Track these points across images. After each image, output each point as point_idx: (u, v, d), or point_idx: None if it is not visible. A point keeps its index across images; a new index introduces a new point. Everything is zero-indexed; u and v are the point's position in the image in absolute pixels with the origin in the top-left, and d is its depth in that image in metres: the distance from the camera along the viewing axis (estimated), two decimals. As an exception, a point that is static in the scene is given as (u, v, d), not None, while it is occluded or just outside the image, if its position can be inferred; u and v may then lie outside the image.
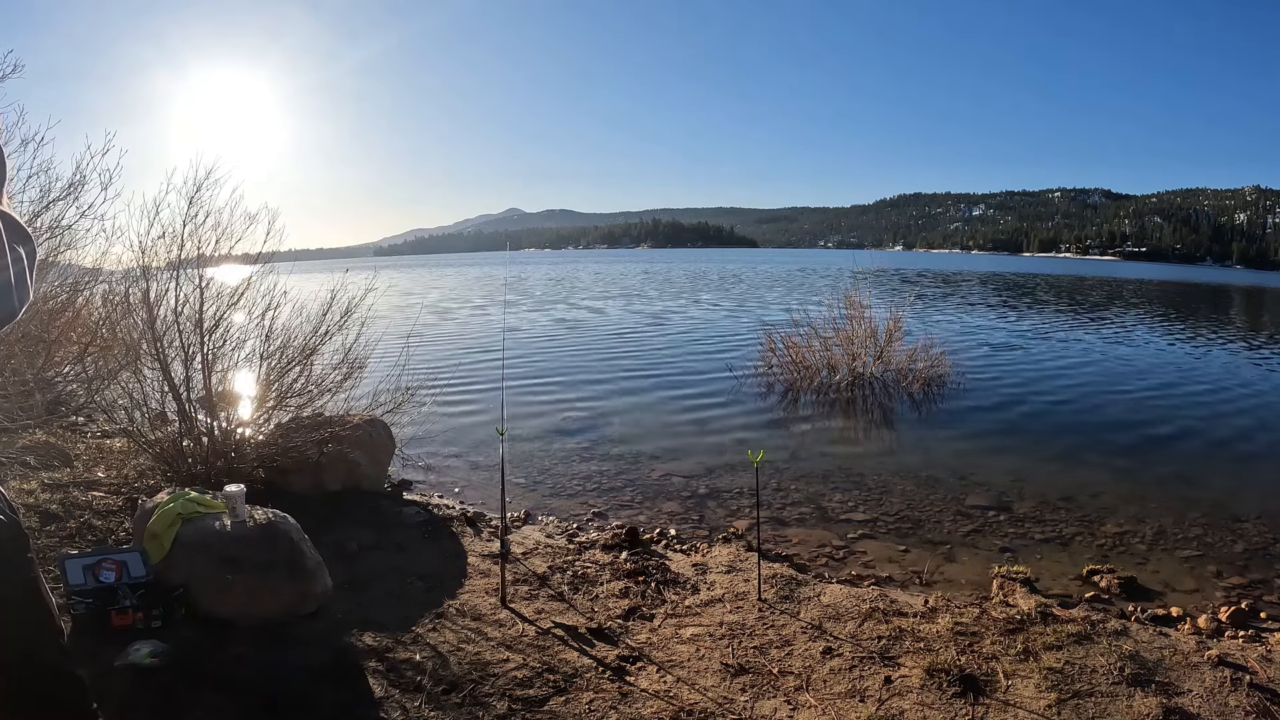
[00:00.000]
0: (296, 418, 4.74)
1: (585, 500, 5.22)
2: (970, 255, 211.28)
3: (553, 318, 18.81)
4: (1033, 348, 13.31)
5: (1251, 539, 4.58)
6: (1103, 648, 2.91)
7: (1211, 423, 7.78)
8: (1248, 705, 2.55)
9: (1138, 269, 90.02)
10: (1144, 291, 35.40)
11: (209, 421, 4.43)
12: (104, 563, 2.75)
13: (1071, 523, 4.84)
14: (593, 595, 3.41)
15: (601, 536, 4.32)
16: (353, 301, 4.97)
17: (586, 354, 12.43)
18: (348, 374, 4.92)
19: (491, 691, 2.54)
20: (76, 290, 5.73)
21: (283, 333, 4.75)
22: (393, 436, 5.11)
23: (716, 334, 15.23)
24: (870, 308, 10.24)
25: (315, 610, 2.96)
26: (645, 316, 19.03)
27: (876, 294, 12.68)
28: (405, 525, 4.23)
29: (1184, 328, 18.03)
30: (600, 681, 2.66)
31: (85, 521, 3.61)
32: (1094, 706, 2.53)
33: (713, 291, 29.24)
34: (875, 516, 4.93)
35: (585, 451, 6.45)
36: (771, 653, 2.92)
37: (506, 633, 2.98)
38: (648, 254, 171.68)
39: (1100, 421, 7.79)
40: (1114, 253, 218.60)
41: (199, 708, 2.26)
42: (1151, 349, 13.60)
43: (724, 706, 2.53)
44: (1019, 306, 23.54)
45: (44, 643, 1.45)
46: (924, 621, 3.18)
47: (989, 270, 60.40)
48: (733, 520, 4.80)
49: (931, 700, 2.57)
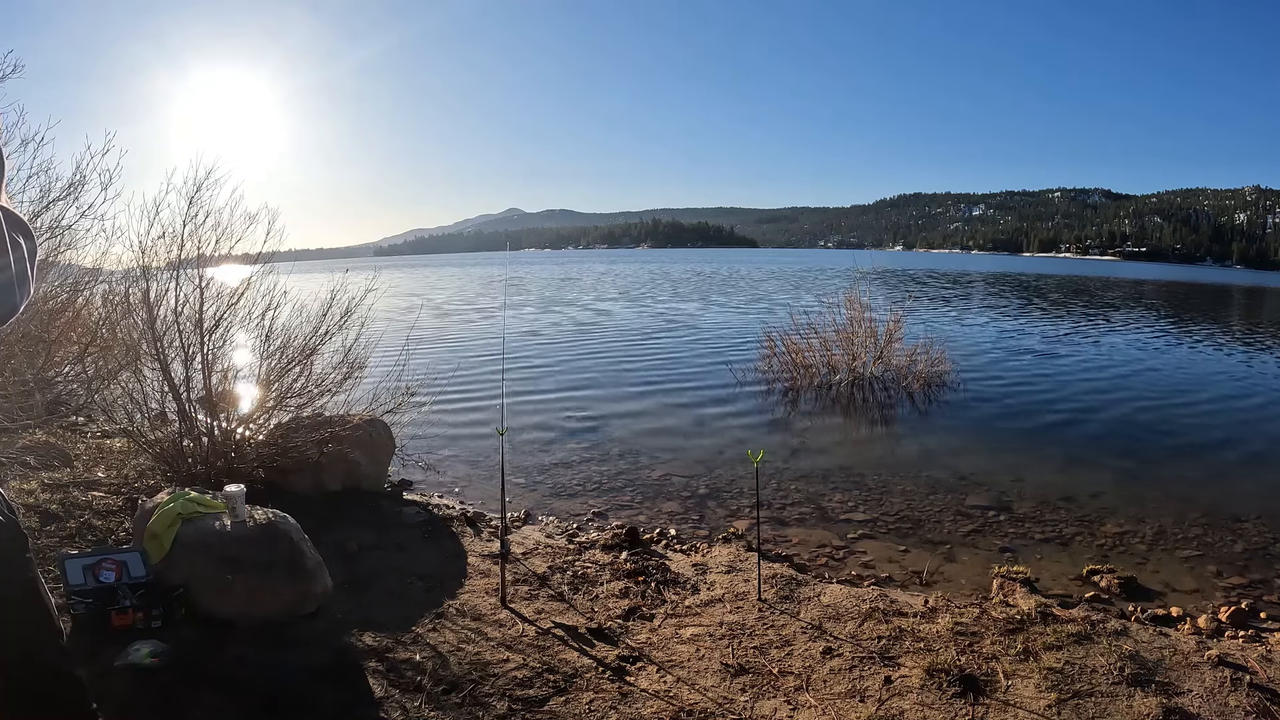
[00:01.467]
0: (296, 418, 4.74)
1: (585, 500, 5.22)
2: (970, 255, 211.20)
3: (553, 318, 18.81)
4: (1033, 348, 13.31)
5: (1251, 539, 4.58)
6: (1103, 648, 2.91)
7: (1212, 422, 7.78)
8: (1248, 705, 2.54)
9: (1138, 269, 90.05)
10: (1145, 292, 35.40)
11: (209, 421, 4.43)
12: (104, 563, 2.75)
13: (1071, 523, 4.84)
14: (593, 595, 3.41)
15: (601, 536, 4.32)
16: (353, 301, 4.97)
17: (587, 354, 12.43)
18: (348, 374, 4.91)
19: (491, 691, 2.54)
20: (76, 290, 5.73)
21: (283, 333, 4.74)
22: (393, 436, 5.11)
23: (717, 334, 15.23)
24: (870, 308, 10.24)
25: (315, 610, 2.96)
26: (645, 316, 19.03)
27: (895, 297, 12.63)
28: (405, 525, 4.23)
29: (1184, 328, 18.02)
30: (600, 681, 2.66)
31: (85, 521, 3.61)
32: (1094, 706, 2.53)
33: (722, 292, 29.20)
34: (875, 516, 4.93)
35: (585, 451, 6.45)
36: (771, 653, 2.92)
37: (506, 633, 2.98)
38: (648, 254, 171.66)
39: (1100, 421, 7.79)
40: (1114, 253, 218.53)
41: (199, 708, 2.26)
42: (1152, 349, 13.59)
43: (724, 706, 2.53)
44: (1020, 307, 23.53)
45: (43, 642, 1.45)
46: (924, 621, 3.18)
47: (994, 270, 60.40)
48: (733, 520, 4.80)
49: (931, 700, 2.57)
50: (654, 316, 19.00)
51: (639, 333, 15.52)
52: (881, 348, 9.81)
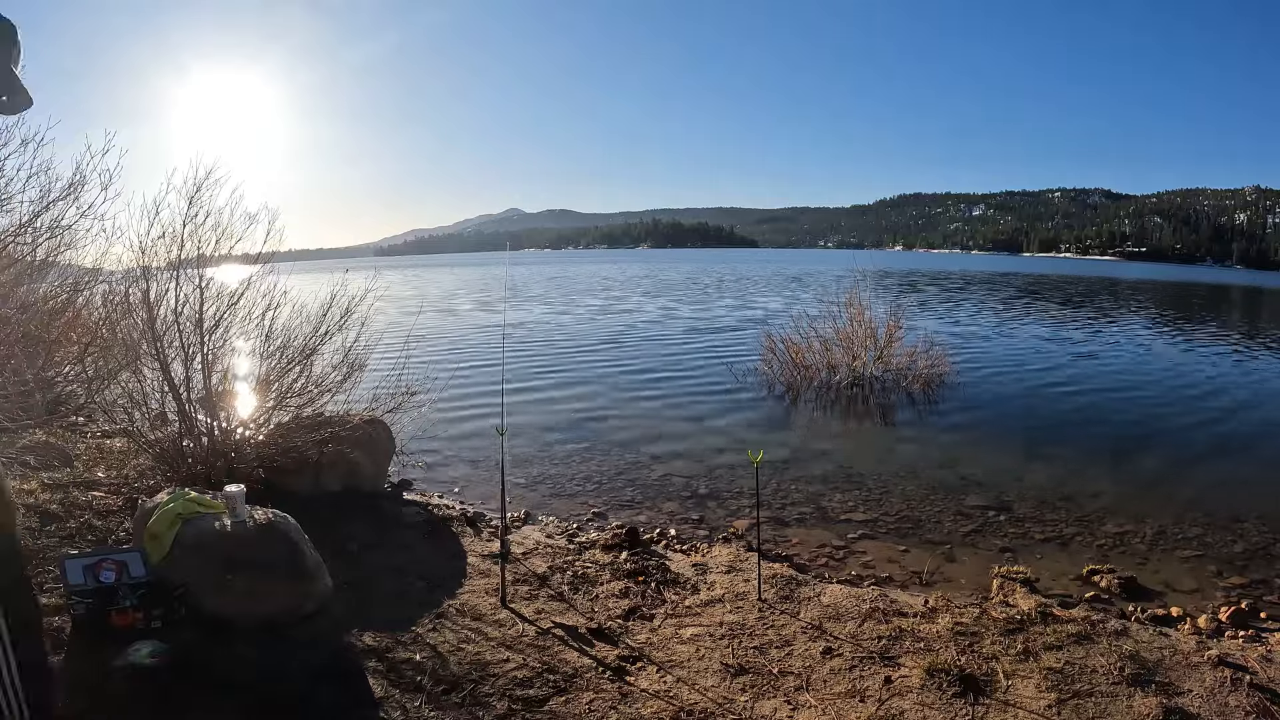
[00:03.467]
0: (296, 418, 4.74)
1: (585, 500, 5.22)
2: (970, 255, 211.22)
3: (553, 318, 18.81)
4: (1033, 348, 13.31)
5: (1251, 539, 4.58)
6: (1103, 648, 2.91)
7: (1212, 422, 7.78)
8: (1248, 705, 2.54)
9: (1139, 269, 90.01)
10: (1146, 291, 35.39)
11: (209, 421, 4.42)
12: (104, 563, 2.75)
13: (1071, 523, 4.84)
14: (593, 595, 3.41)
15: (601, 537, 4.32)
16: (353, 301, 4.97)
17: (587, 354, 12.43)
18: (348, 374, 4.91)
19: (491, 691, 2.54)
20: (76, 290, 5.72)
21: (283, 333, 4.74)
22: (393, 436, 5.11)
23: (717, 334, 15.23)
24: (870, 308, 10.24)
25: (315, 610, 2.95)
26: (646, 316, 19.03)
27: (895, 298, 12.60)
28: (405, 525, 4.23)
29: (1184, 328, 18.03)
30: (600, 681, 2.66)
31: (85, 521, 3.61)
32: (1094, 706, 2.53)
33: (722, 292, 29.18)
34: (875, 516, 4.93)
35: (585, 451, 6.45)
36: (771, 653, 2.92)
37: (506, 633, 2.98)
38: (649, 254, 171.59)
39: (1101, 421, 7.80)
40: (1114, 253, 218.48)
41: (199, 708, 2.26)
42: (1152, 349, 13.60)
43: (724, 706, 2.53)
44: (1020, 307, 23.53)
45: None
46: (924, 621, 3.18)
47: (995, 270, 60.35)
48: (733, 520, 4.80)
49: (931, 700, 2.57)
50: (654, 316, 19.00)
51: (639, 333, 15.52)
52: (881, 348, 9.81)
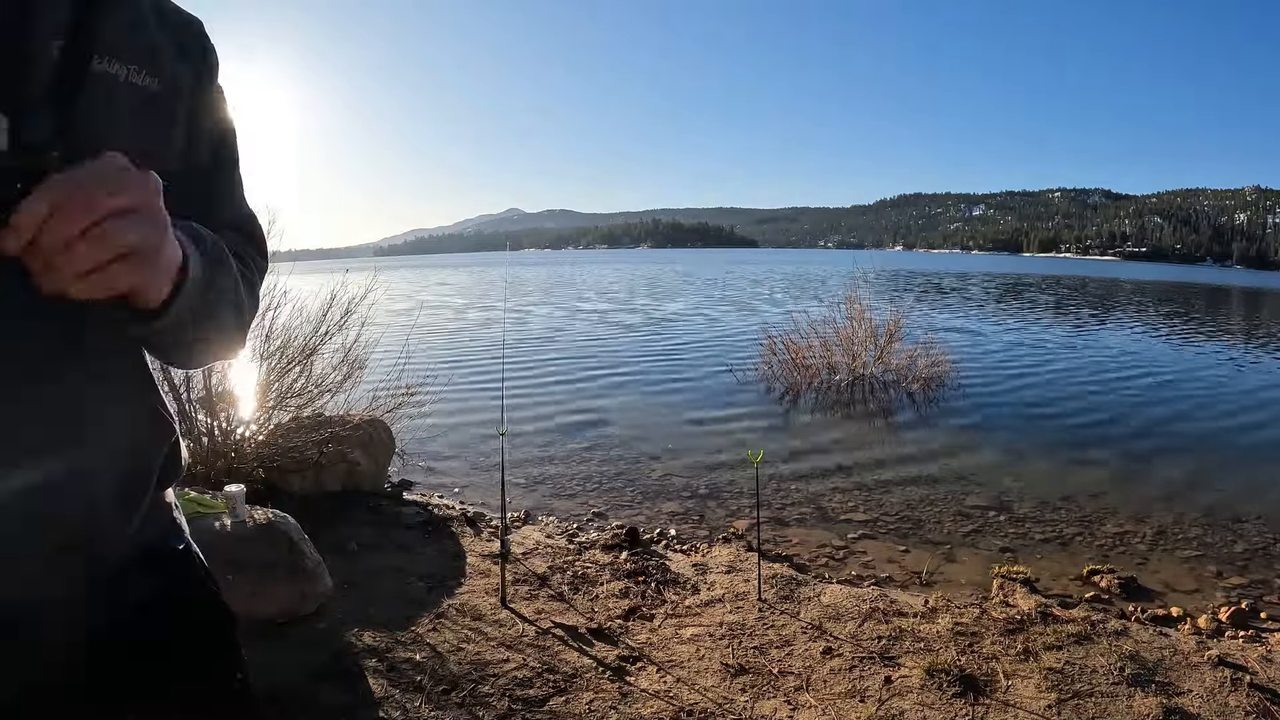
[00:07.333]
0: (296, 418, 4.74)
1: (585, 500, 5.22)
2: (971, 255, 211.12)
3: (553, 318, 18.81)
4: (1033, 348, 13.31)
5: (1251, 539, 4.57)
6: (1103, 648, 2.90)
7: (1212, 423, 7.78)
8: (1248, 705, 2.54)
9: (1139, 269, 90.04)
10: (1145, 291, 35.39)
11: (209, 421, 4.43)
12: (104, 563, 2.75)
13: (1071, 523, 4.83)
14: (593, 595, 3.41)
15: (601, 537, 4.32)
16: (353, 301, 4.97)
17: (587, 354, 12.42)
18: (348, 374, 4.92)
19: (491, 691, 2.54)
20: (77, 290, 5.73)
21: (283, 333, 4.74)
22: (393, 436, 5.11)
23: (718, 334, 15.23)
24: (870, 308, 10.24)
25: (315, 610, 2.95)
26: (646, 317, 19.03)
27: (894, 298, 12.61)
28: (405, 525, 4.23)
29: (1185, 328, 18.03)
30: (600, 681, 2.66)
31: (85, 521, 3.61)
32: (1094, 706, 2.53)
33: (723, 292, 29.21)
34: (875, 516, 4.93)
35: (585, 451, 6.45)
36: (771, 653, 2.92)
37: (506, 633, 2.98)
38: (649, 254, 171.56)
39: (1101, 421, 7.79)
40: (1114, 253, 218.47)
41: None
42: (1152, 349, 13.60)
43: (724, 706, 2.53)
44: (1020, 307, 23.54)
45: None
46: (924, 621, 3.18)
47: (995, 271, 60.35)
48: (733, 520, 4.80)
49: (931, 700, 2.57)
50: (655, 317, 19.00)
51: (639, 333, 15.52)
52: (881, 348, 9.81)
